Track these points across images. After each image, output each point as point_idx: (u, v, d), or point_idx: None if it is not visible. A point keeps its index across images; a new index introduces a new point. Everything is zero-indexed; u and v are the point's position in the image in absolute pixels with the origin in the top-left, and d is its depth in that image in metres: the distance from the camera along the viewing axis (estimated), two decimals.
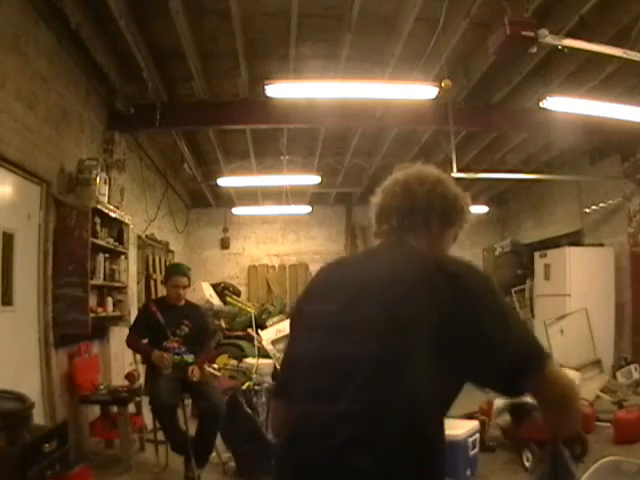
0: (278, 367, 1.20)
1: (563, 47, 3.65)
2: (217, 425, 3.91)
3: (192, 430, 3.96)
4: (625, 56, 3.76)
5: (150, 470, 4.15)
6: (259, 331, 8.04)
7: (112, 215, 4.88)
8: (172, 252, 9.01)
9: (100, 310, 4.73)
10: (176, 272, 4.32)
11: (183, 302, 4.27)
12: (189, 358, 4.04)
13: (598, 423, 4.68)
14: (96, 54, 4.36)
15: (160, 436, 4.12)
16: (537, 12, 3.83)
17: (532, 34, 3.32)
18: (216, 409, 3.88)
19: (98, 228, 4.59)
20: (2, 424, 2.56)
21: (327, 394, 1.09)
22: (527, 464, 3.89)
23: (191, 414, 4.37)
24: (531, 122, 5.90)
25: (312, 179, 7.73)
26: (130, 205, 6.10)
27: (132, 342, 4.24)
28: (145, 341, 4.19)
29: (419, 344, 1.08)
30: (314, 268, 10.87)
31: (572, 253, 6.97)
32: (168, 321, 4.10)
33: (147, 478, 4.05)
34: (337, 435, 1.03)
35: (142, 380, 4.43)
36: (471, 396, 1.38)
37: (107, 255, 4.85)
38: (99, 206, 4.57)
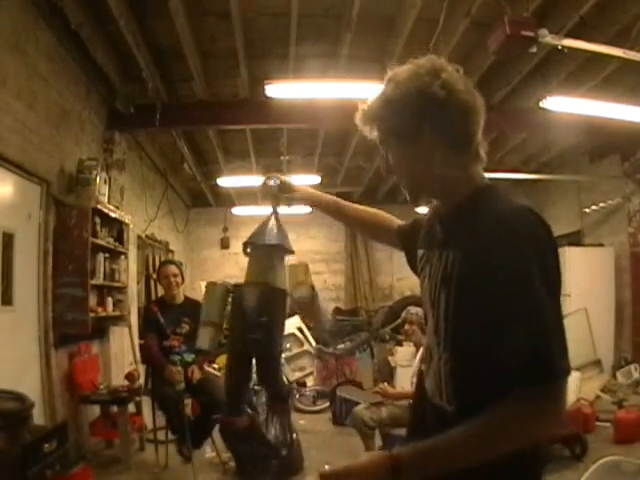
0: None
1: (563, 47, 3.65)
2: (215, 411, 3.95)
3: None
4: (625, 56, 3.76)
5: (150, 470, 4.16)
6: None
7: (112, 215, 4.88)
8: (172, 252, 9.00)
9: (100, 310, 4.73)
10: (164, 263, 4.51)
11: (182, 299, 4.29)
12: (189, 358, 4.05)
13: (598, 423, 4.69)
14: (96, 54, 4.36)
15: (160, 436, 4.12)
16: (537, 12, 3.83)
17: (532, 34, 3.32)
18: (216, 403, 3.92)
19: (98, 228, 4.59)
20: (2, 424, 2.56)
21: None
22: None
23: (191, 413, 4.37)
24: (531, 122, 5.90)
25: (312, 179, 7.73)
26: (130, 205, 6.09)
27: (150, 353, 4.12)
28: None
29: None
30: (314, 268, 10.87)
31: (572, 253, 6.96)
32: (168, 321, 4.11)
33: (147, 478, 4.05)
34: None
35: (142, 380, 4.44)
36: None
37: (107, 255, 4.85)
38: (99, 206, 4.57)
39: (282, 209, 1.79)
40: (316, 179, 7.66)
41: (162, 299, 4.41)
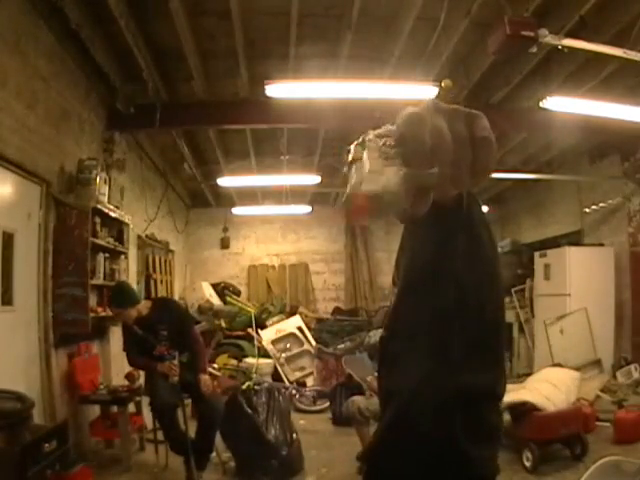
0: (279, 367, 0.95)
1: (563, 47, 3.65)
2: (215, 427, 3.90)
3: (191, 431, 3.96)
4: (625, 56, 3.76)
5: (150, 470, 4.16)
6: (259, 331, 8.05)
7: (112, 215, 4.88)
8: (172, 252, 9.01)
9: (100, 310, 4.73)
10: (110, 301, 4.23)
11: (147, 310, 4.05)
12: (183, 358, 4.00)
13: (598, 423, 4.69)
14: (96, 54, 4.36)
15: (160, 436, 4.12)
16: (537, 12, 3.84)
17: (532, 34, 3.33)
18: (214, 411, 3.88)
19: (98, 228, 4.59)
20: (2, 424, 2.56)
21: None
22: (527, 464, 3.90)
23: (191, 414, 4.37)
24: (531, 122, 5.89)
25: (312, 179, 7.74)
26: (130, 205, 6.09)
27: (134, 362, 4.12)
28: None
29: None
30: (314, 268, 10.88)
31: (572, 253, 6.96)
32: (146, 331, 3.92)
33: (147, 478, 4.06)
34: None
35: (142, 380, 4.43)
36: None
37: (107, 255, 4.86)
38: (99, 206, 4.58)
39: None
40: (316, 179, 7.67)
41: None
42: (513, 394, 4.03)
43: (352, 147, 0.66)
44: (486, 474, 0.77)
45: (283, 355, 7.65)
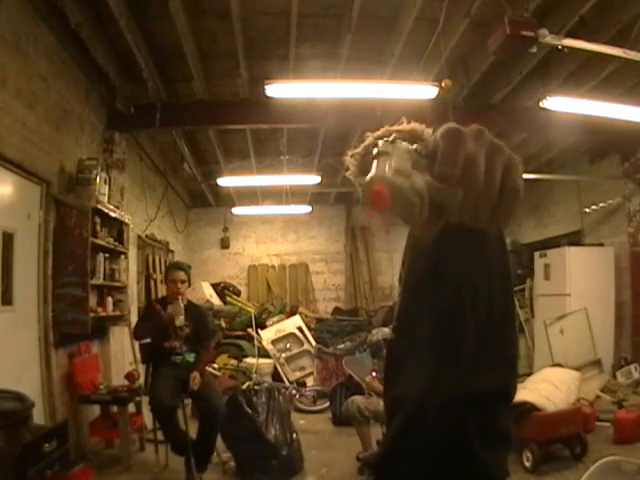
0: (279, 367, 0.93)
1: (563, 47, 3.66)
2: (217, 427, 3.90)
3: (192, 431, 3.96)
4: (625, 56, 3.76)
5: (150, 470, 4.15)
6: (259, 331, 8.05)
7: (112, 215, 4.88)
8: (172, 252, 9.01)
9: (100, 310, 4.73)
10: (173, 267, 4.43)
11: (185, 302, 4.25)
12: (190, 357, 4.03)
13: (598, 423, 4.69)
14: (96, 54, 4.36)
15: (160, 436, 4.12)
16: (537, 12, 3.83)
17: (532, 34, 3.33)
18: (215, 411, 3.87)
19: (98, 228, 4.59)
20: (2, 424, 2.56)
21: None
22: (527, 464, 3.89)
23: (191, 414, 4.37)
24: (531, 122, 5.89)
25: (312, 179, 7.74)
26: (130, 205, 6.09)
27: (141, 332, 4.18)
28: (147, 341, 4.19)
29: None
30: (314, 268, 10.88)
31: (572, 253, 6.96)
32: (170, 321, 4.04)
33: (147, 478, 4.05)
34: None
35: (142, 380, 4.43)
36: None
37: (107, 255, 4.85)
38: (99, 206, 4.57)
39: None
40: (316, 179, 7.67)
41: (164, 299, 4.33)
42: None
43: (380, 141, 0.63)
44: (497, 478, 0.76)
45: (283, 355, 7.65)
